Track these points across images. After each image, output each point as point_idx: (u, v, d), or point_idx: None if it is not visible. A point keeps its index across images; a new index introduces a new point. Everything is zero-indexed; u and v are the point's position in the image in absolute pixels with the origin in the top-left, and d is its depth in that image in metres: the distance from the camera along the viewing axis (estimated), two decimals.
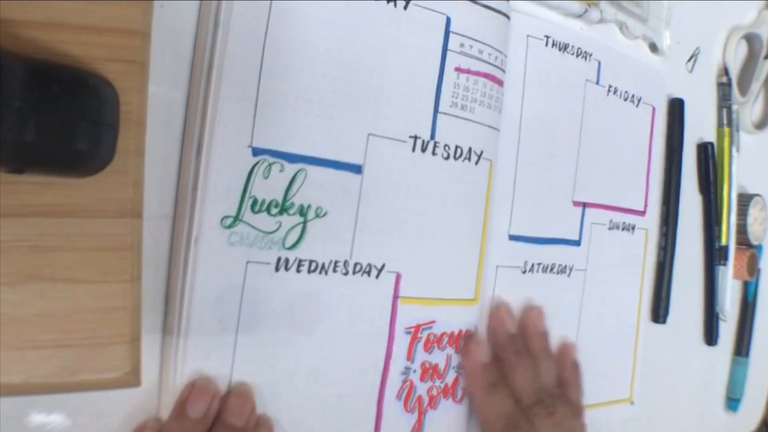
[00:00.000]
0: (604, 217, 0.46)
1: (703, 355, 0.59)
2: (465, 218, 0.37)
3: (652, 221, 0.51)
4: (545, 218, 0.42)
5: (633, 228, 0.49)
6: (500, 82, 0.39)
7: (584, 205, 0.45)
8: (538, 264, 0.42)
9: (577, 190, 0.44)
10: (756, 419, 0.67)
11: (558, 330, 0.43)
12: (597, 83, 0.45)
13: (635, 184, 0.49)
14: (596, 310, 0.46)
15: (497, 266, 0.40)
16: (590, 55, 0.45)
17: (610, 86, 0.46)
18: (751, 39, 0.61)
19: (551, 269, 0.43)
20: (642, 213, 0.50)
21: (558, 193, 0.43)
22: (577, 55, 0.44)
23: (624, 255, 0.48)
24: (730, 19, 0.59)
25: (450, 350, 0.37)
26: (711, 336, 0.58)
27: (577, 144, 0.44)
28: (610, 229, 0.47)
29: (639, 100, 0.49)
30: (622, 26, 0.48)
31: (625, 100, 0.47)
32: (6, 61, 0.22)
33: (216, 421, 0.29)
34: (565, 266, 0.44)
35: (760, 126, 0.62)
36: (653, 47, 0.51)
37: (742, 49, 0.61)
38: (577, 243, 0.45)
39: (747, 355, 0.63)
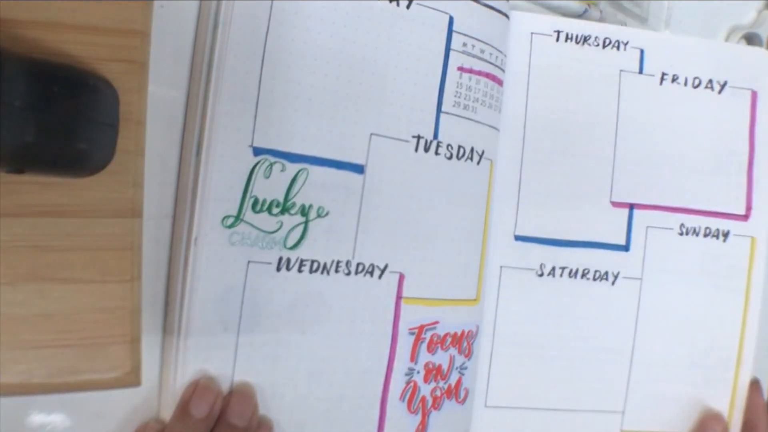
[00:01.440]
0: (669, 221, 0.41)
1: None
2: (467, 218, 0.37)
3: (762, 227, 0.43)
4: (569, 219, 0.40)
5: (726, 234, 0.42)
6: (500, 82, 0.39)
7: (631, 206, 0.41)
8: (562, 268, 0.40)
9: (618, 190, 0.41)
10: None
11: (606, 343, 0.41)
12: (641, 72, 0.41)
13: (728, 184, 0.42)
14: (665, 325, 0.42)
15: (501, 267, 0.40)
16: (626, 43, 0.41)
17: (663, 74, 0.41)
18: (751, 39, 0.61)
19: (583, 275, 0.40)
20: (743, 217, 0.43)
21: (585, 193, 0.41)
22: (605, 46, 0.41)
23: (710, 265, 0.42)
24: (730, 19, 0.59)
25: (453, 351, 0.37)
26: None
27: (613, 140, 0.41)
28: (681, 234, 0.42)
29: (723, 86, 0.42)
30: (621, 26, 0.48)
31: (696, 87, 0.42)
32: (6, 61, 0.22)
33: (219, 421, 0.29)
34: (606, 272, 0.40)
35: None
36: None
37: None
38: (625, 248, 0.41)
39: None
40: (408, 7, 0.34)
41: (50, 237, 0.26)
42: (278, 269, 0.31)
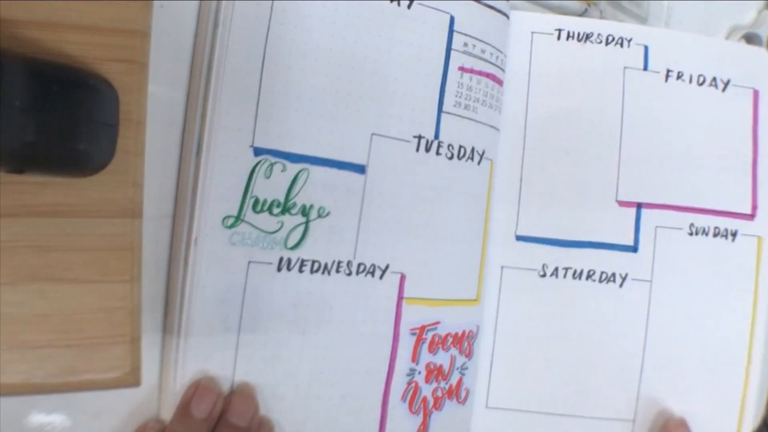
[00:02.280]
0: (679, 220, 0.40)
1: None
2: (468, 218, 0.37)
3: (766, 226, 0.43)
4: (573, 219, 0.40)
5: (735, 234, 0.41)
6: (500, 82, 0.39)
7: (638, 205, 0.40)
8: (565, 268, 0.39)
9: (624, 189, 0.40)
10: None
11: (615, 348, 0.40)
12: (645, 69, 0.41)
13: (734, 183, 0.42)
14: (676, 330, 0.40)
15: (502, 267, 0.40)
16: (629, 40, 0.40)
17: (668, 71, 0.41)
18: (751, 39, 0.60)
19: (588, 276, 0.40)
20: (749, 216, 0.42)
21: (589, 192, 0.40)
22: (608, 43, 0.40)
23: (720, 266, 0.41)
24: (730, 19, 0.59)
25: (454, 351, 0.37)
26: None
27: (618, 138, 0.40)
28: (691, 234, 0.41)
29: (727, 84, 0.42)
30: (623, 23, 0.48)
31: (701, 84, 0.41)
32: (6, 61, 0.22)
33: (219, 421, 0.29)
34: (614, 274, 0.40)
35: None
36: None
37: None
38: (633, 249, 0.40)
39: None
40: (409, 7, 0.34)
41: (50, 237, 0.26)
42: (279, 269, 0.31)
